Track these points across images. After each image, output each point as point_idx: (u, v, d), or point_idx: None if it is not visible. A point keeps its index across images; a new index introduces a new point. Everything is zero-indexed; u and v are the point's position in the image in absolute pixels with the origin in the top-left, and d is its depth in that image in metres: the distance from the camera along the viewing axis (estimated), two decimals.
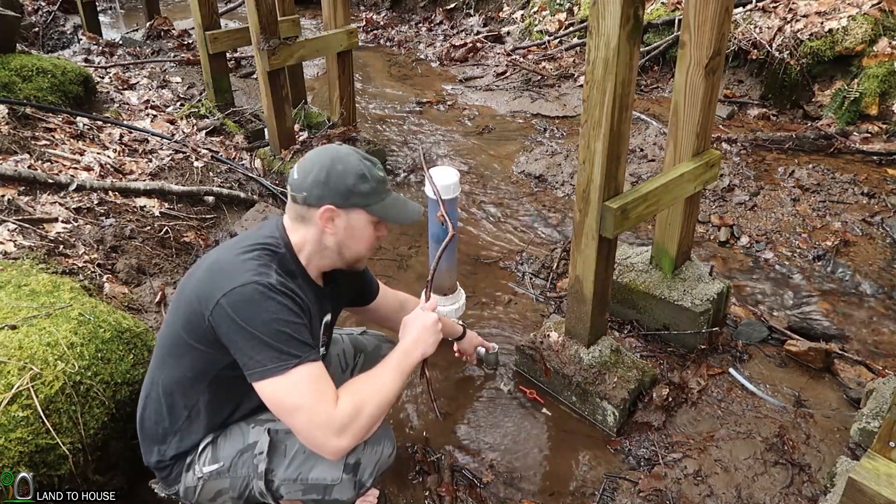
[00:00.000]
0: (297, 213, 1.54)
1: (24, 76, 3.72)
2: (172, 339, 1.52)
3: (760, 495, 1.95)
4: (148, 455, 1.62)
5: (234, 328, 1.37)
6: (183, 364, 1.51)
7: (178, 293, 1.55)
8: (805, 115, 4.53)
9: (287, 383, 1.36)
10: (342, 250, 1.57)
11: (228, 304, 1.37)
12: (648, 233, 3.33)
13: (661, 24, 5.35)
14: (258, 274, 1.41)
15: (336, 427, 1.38)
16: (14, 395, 1.61)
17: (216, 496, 1.60)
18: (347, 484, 1.52)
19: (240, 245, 1.50)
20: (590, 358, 2.22)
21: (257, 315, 1.37)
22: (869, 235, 3.20)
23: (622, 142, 1.86)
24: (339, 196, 1.49)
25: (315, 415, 1.37)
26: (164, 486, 1.65)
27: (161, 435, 1.58)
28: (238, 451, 1.56)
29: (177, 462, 1.59)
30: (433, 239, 2.36)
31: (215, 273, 1.43)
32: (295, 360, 1.37)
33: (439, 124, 4.82)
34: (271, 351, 1.36)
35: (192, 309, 1.44)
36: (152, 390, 1.58)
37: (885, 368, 2.40)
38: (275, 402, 1.39)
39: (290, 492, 1.56)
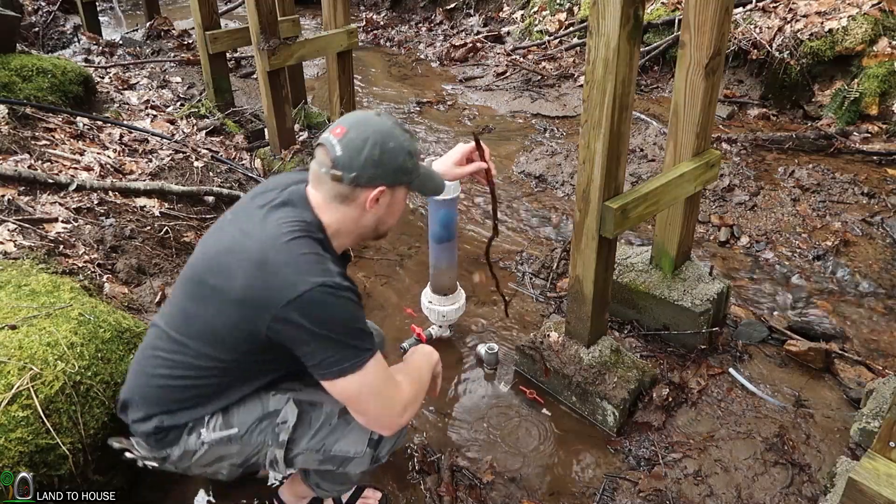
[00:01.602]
0: (337, 193, 1.41)
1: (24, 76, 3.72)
2: (199, 327, 1.41)
3: (760, 495, 1.95)
4: (141, 423, 1.48)
5: (305, 334, 1.31)
6: (208, 352, 1.41)
7: (206, 274, 1.40)
8: (805, 115, 4.53)
9: (364, 378, 1.35)
10: (378, 226, 1.52)
11: (297, 312, 1.29)
12: (648, 233, 3.33)
13: (661, 24, 5.35)
14: (323, 274, 1.32)
15: (400, 408, 1.43)
16: (14, 395, 1.61)
17: (215, 461, 1.52)
18: (367, 458, 1.54)
19: (282, 230, 1.36)
20: (590, 358, 2.22)
21: (331, 318, 1.31)
22: (869, 235, 3.20)
23: (622, 142, 1.86)
24: (391, 175, 1.41)
25: (387, 400, 1.40)
26: (147, 449, 1.50)
27: (166, 408, 1.47)
28: (256, 419, 1.49)
29: (175, 429, 1.48)
30: (433, 239, 2.36)
31: (271, 276, 1.31)
32: (368, 354, 1.35)
33: (439, 124, 4.82)
34: (347, 350, 1.33)
35: (241, 313, 1.34)
36: (159, 363, 1.46)
37: (885, 368, 2.40)
38: (349, 396, 1.38)
39: (306, 461, 1.54)
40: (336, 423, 1.52)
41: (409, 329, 2.61)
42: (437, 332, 2.57)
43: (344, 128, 1.39)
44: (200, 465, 1.52)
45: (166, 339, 1.46)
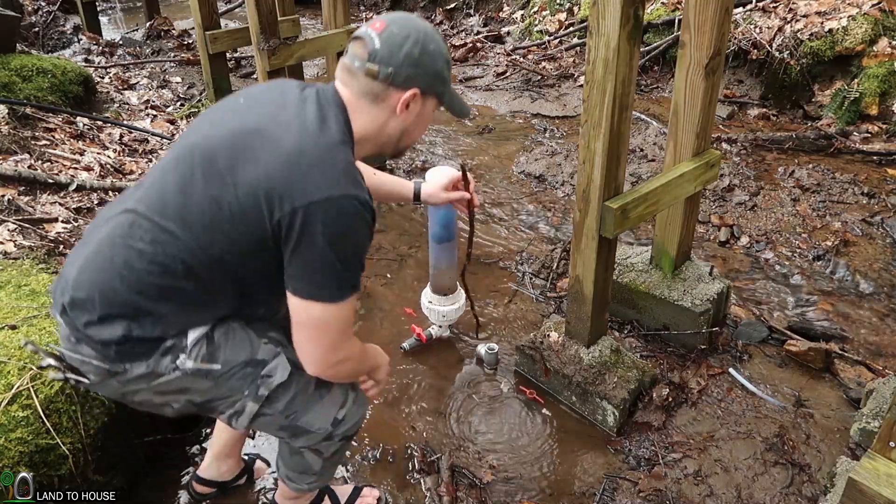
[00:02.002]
0: (369, 91, 1.30)
1: (24, 76, 3.72)
2: (194, 208, 1.24)
3: (760, 495, 1.95)
4: (100, 327, 1.26)
5: (314, 241, 1.19)
6: (197, 242, 1.25)
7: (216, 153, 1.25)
8: (805, 115, 4.53)
9: (335, 312, 1.27)
10: (402, 138, 1.41)
11: (319, 215, 1.18)
12: (648, 233, 3.33)
13: (661, 24, 5.35)
14: (356, 185, 1.23)
15: (338, 358, 1.35)
16: (14, 395, 1.61)
17: (176, 392, 1.35)
18: (321, 435, 1.49)
19: (323, 127, 1.26)
20: (590, 358, 2.22)
21: (346, 239, 1.22)
22: (869, 235, 3.20)
23: (622, 142, 1.86)
24: (427, 80, 1.32)
25: (335, 343, 1.33)
26: (97, 360, 1.28)
27: (136, 313, 1.27)
28: (242, 363, 1.37)
29: (143, 343, 1.29)
30: (433, 239, 2.35)
31: (305, 169, 1.19)
32: (352, 291, 1.28)
33: (439, 124, 4.82)
34: (338, 279, 1.25)
35: (254, 199, 1.20)
36: (133, 255, 1.26)
37: (885, 368, 2.40)
38: (308, 320, 1.28)
39: (268, 424, 1.46)
40: (311, 393, 1.45)
41: (409, 329, 2.61)
42: (437, 332, 2.57)
43: (384, 22, 1.29)
44: (154, 392, 1.34)
45: (148, 227, 1.26)
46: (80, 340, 1.28)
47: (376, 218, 1.30)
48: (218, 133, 1.28)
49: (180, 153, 1.31)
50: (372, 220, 1.27)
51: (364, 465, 2.08)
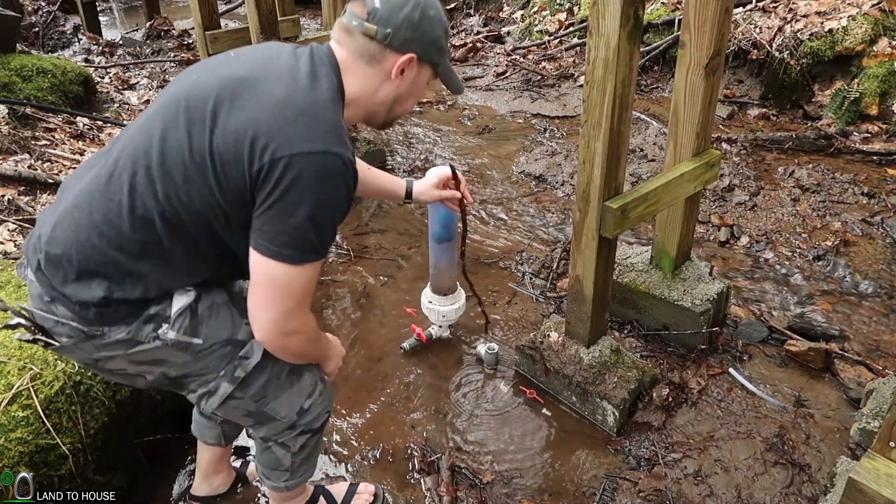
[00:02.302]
0: (365, 51, 1.27)
1: (24, 76, 3.72)
2: (174, 156, 1.19)
3: (760, 495, 1.95)
4: (78, 287, 1.22)
5: (289, 198, 1.14)
6: (176, 194, 1.20)
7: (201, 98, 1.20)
8: (805, 115, 4.53)
9: (296, 275, 1.21)
10: (394, 107, 1.37)
11: (300, 168, 1.13)
12: (648, 233, 3.33)
13: (661, 24, 5.35)
14: (342, 144, 1.18)
15: (291, 327, 1.28)
16: (14, 395, 1.61)
17: (151, 363, 1.32)
18: (285, 424, 1.48)
19: (315, 83, 1.22)
20: (590, 358, 2.22)
21: (323, 199, 1.16)
22: (869, 235, 3.20)
23: (622, 142, 1.86)
24: (424, 46, 1.30)
25: (291, 311, 1.25)
26: (75, 321, 1.24)
27: (115, 271, 1.23)
28: (224, 340, 1.35)
29: (122, 306, 1.25)
30: (433, 239, 2.35)
31: (291, 119, 1.16)
32: (318, 257, 1.22)
33: (439, 124, 4.82)
34: (306, 242, 1.18)
35: (236, 146, 1.15)
36: (113, 209, 1.21)
37: (885, 368, 2.40)
38: (267, 281, 1.21)
39: (236, 408, 1.43)
40: (283, 380, 1.43)
41: (409, 329, 2.61)
42: (437, 332, 2.57)
43: None
44: (129, 361, 1.30)
45: (128, 178, 1.21)
46: (55, 300, 1.24)
47: (357, 184, 1.26)
48: (206, 81, 1.24)
49: (166, 102, 1.25)
50: (353, 185, 1.23)
51: (364, 465, 2.08)
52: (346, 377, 2.44)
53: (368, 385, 2.40)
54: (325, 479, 2.04)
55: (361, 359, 2.53)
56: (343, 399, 2.34)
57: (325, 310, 2.81)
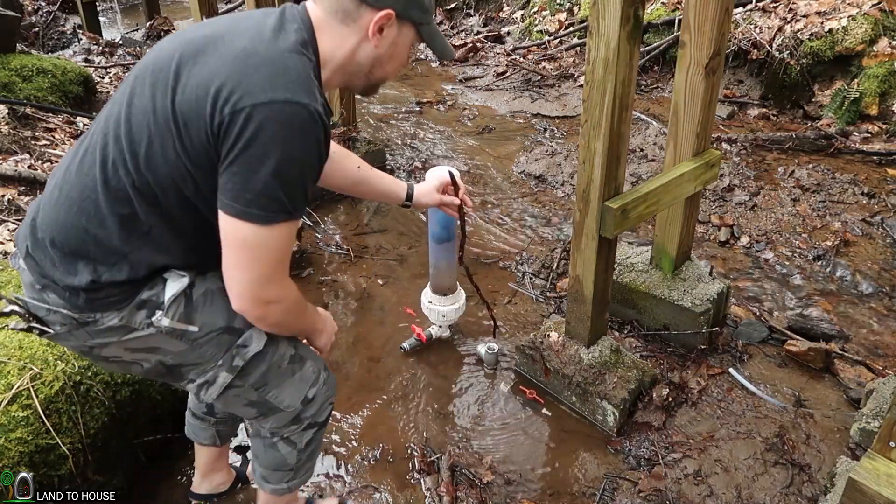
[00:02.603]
0: (342, 8, 1.22)
1: (24, 76, 3.72)
2: (140, 120, 1.15)
3: (760, 495, 1.95)
4: (69, 272, 1.20)
5: (251, 152, 1.08)
6: (145, 161, 1.16)
7: (166, 61, 1.16)
8: (805, 115, 4.53)
9: (266, 236, 1.14)
10: (373, 69, 1.30)
11: (261, 119, 1.07)
12: (648, 233, 3.33)
13: (661, 24, 5.35)
14: (309, 94, 1.11)
15: (268, 295, 1.22)
16: (14, 395, 1.61)
17: (146, 351, 1.29)
18: (291, 415, 1.45)
19: (280, 37, 1.16)
20: (590, 358, 2.22)
21: (288, 152, 1.09)
22: (869, 235, 3.20)
23: (622, 142, 1.86)
24: (402, 3, 1.23)
25: (265, 274, 1.18)
26: (70, 308, 1.21)
27: (98, 251, 1.20)
28: (220, 328, 1.31)
29: (112, 289, 1.21)
30: (433, 239, 2.35)
31: (252, 69, 1.10)
32: (288, 217, 1.15)
33: (439, 124, 4.82)
34: (272, 200, 1.11)
35: (197, 99, 1.10)
36: (89, 184, 1.19)
37: (885, 368, 2.40)
38: (237, 243, 1.15)
39: (237, 399, 1.39)
40: (284, 367, 1.40)
41: (409, 329, 2.61)
42: (437, 332, 2.57)
43: None
44: (125, 348, 1.28)
45: (100, 151, 1.19)
46: (46, 287, 1.21)
47: (330, 137, 1.20)
48: (171, 45, 1.21)
49: (136, 74, 1.22)
50: (324, 139, 1.16)
51: (364, 465, 2.08)
52: (346, 377, 2.44)
53: (368, 385, 2.40)
54: (324, 482, 2.04)
55: (361, 359, 2.53)
56: (343, 399, 2.34)
57: (325, 310, 2.80)
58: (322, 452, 2.12)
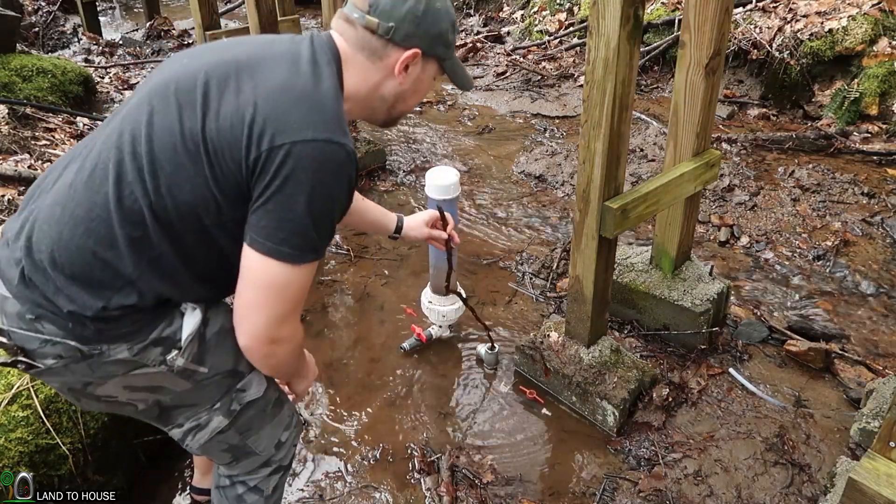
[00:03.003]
0: (368, 47, 1.20)
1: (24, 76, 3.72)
2: (165, 141, 1.10)
3: (760, 495, 1.95)
4: (75, 296, 1.11)
5: (288, 189, 1.06)
6: (166, 184, 1.10)
7: (193, 82, 1.12)
8: (805, 115, 4.53)
9: (292, 276, 1.12)
10: (396, 104, 1.30)
11: (300, 157, 1.05)
12: (648, 233, 3.33)
13: (661, 24, 5.35)
14: (345, 134, 1.10)
15: (282, 335, 1.18)
16: (14, 395, 1.61)
17: (148, 389, 1.23)
18: (261, 459, 1.42)
19: (316, 70, 1.14)
20: (590, 358, 2.22)
21: (324, 192, 1.08)
22: (869, 235, 3.20)
23: (622, 142, 1.86)
24: (428, 41, 1.22)
25: (284, 313, 1.15)
26: (75, 339, 1.12)
27: (109, 276, 1.12)
28: (227, 371, 1.28)
29: (123, 319, 1.14)
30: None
31: (292, 105, 1.08)
32: (315, 256, 1.14)
33: (439, 124, 4.82)
34: (305, 238, 1.10)
35: (232, 130, 1.07)
36: (99, 202, 1.11)
37: (885, 368, 2.40)
38: (261, 281, 1.12)
39: (219, 443, 1.34)
40: (268, 412, 1.37)
41: (409, 329, 2.61)
42: (437, 332, 2.57)
43: None
44: (124, 386, 1.20)
45: (114, 168, 1.11)
46: (42, 317, 1.11)
47: (358, 178, 1.22)
48: (197, 64, 1.16)
49: (153, 88, 1.16)
50: (355, 179, 1.15)
51: (364, 465, 2.08)
52: (346, 377, 2.44)
53: (368, 385, 2.40)
54: (324, 482, 2.04)
55: (361, 359, 2.53)
56: (343, 399, 2.34)
57: (325, 310, 2.81)
58: (322, 452, 2.13)
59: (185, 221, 1.12)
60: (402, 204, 3.65)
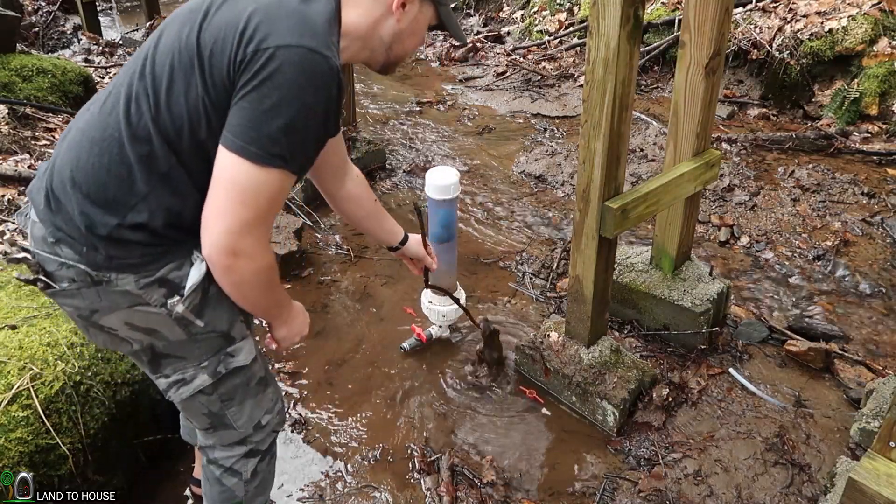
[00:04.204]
0: None
1: (24, 76, 3.72)
2: (164, 55, 1.17)
3: (760, 495, 1.95)
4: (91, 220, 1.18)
5: (265, 90, 1.08)
6: (165, 95, 1.16)
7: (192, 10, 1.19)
8: (805, 115, 4.53)
9: (258, 178, 1.12)
10: (394, 45, 1.34)
11: (288, 61, 1.08)
12: (648, 233, 3.33)
13: (661, 24, 5.35)
14: (331, 49, 1.13)
15: (243, 247, 1.16)
16: (14, 395, 1.61)
17: (146, 331, 1.27)
18: (238, 435, 1.45)
19: None
20: (590, 358, 2.22)
21: (301, 99, 1.10)
22: (869, 235, 3.20)
23: (622, 142, 1.86)
24: None
25: (247, 220, 1.14)
26: (87, 264, 1.19)
27: (123, 193, 1.19)
28: (220, 331, 1.32)
29: (133, 244, 1.19)
30: (433, 239, 2.36)
31: (288, 14, 1.12)
32: (285, 165, 1.13)
33: (439, 124, 4.82)
34: (274, 142, 1.10)
35: (224, 34, 1.12)
36: (112, 123, 1.19)
37: (885, 368, 2.40)
38: (228, 181, 1.12)
39: (200, 407, 1.38)
40: (252, 387, 1.41)
41: (409, 329, 2.61)
42: (437, 332, 2.57)
43: None
44: (125, 322, 1.25)
45: (125, 90, 1.19)
46: (61, 241, 1.20)
47: (342, 94, 1.18)
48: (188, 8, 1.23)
49: (169, 20, 1.25)
50: (337, 96, 1.16)
51: (364, 465, 2.08)
52: (346, 377, 2.44)
53: (368, 385, 2.40)
54: (324, 482, 2.04)
55: (361, 359, 2.53)
56: (343, 399, 2.34)
57: (325, 310, 2.81)
58: (322, 452, 2.13)
59: (181, 136, 1.17)
60: (402, 204, 3.65)
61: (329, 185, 1.69)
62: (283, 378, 2.42)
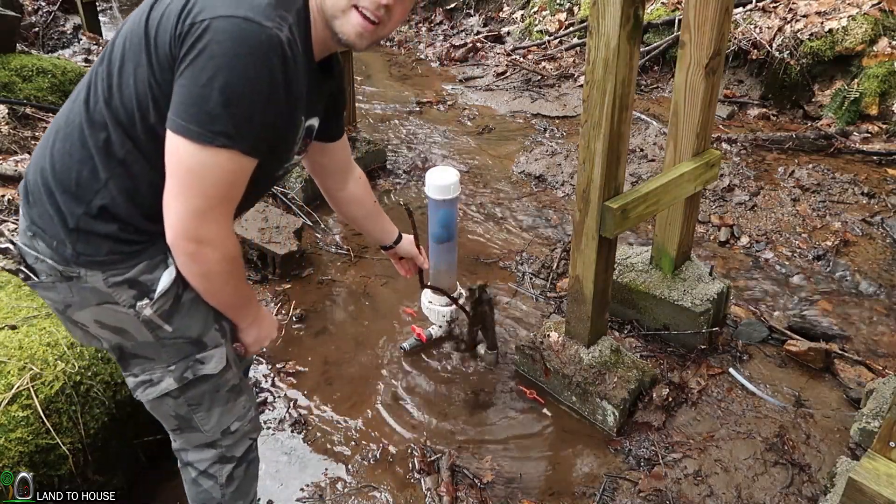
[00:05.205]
0: None
1: (24, 76, 3.72)
2: (117, 44, 1.18)
3: (760, 495, 1.95)
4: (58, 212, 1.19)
5: (199, 64, 1.05)
6: (118, 81, 1.16)
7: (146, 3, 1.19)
8: (805, 115, 4.53)
9: (202, 160, 1.08)
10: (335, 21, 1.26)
11: (222, 31, 1.05)
12: (648, 233, 3.33)
13: (661, 24, 5.35)
14: (273, 21, 1.08)
15: (204, 234, 1.14)
16: (14, 395, 1.61)
17: (114, 329, 1.27)
18: (206, 439, 1.44)
19: None
20: (590, 358, 2.22)
21: (240, 70, 1.06)
22: (869, 235, 3.20)
23: (622, 142, 1.86)
24: None
25: (201, 206, 1.11)
26: (56, 260, 1.21)
27: (86, 180, 1.19)
28: (191, 338, 1.30)
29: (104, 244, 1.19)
30: (433, 239, 2.36)
31: None
32: (228, 140, 1.08)
33: (439, 124, 4.82)
34: (213, 117, 1.06)
35: (167, 17, 1.10)
36: (75, 113, 1.21)
37: (885, 368, 2.40)
38: (176, 165, 1.10)
39: (169, 409, 1.38)
40: (221, 394, 1.40)
41: (409, 329, 2.61)
42: (437, 333, 2.57)
43: None
44: (94, 320, 1.26)
45: (89, 77, 1.21)
46: (36, 235, 1.22)
47: (292, 69, 1.12)
48: None
49: None
50: (283, 68, 1.10)
51: (364, 465, 2.08)
52: (346, 377, 2.44)
53: (368, 385, 2.40)
54: (324, 482, 2.04)
55: (361, 359, 2.53)
56: (343, 399, 2.34)
57: (325, 310, 2.81)
58: (322, 452, 2.13)
59: (134, 121, 1.16)
60: (401, 203, 3.65)
61: (331, 185, 1.70)
62: (283, 378, 2.42)
